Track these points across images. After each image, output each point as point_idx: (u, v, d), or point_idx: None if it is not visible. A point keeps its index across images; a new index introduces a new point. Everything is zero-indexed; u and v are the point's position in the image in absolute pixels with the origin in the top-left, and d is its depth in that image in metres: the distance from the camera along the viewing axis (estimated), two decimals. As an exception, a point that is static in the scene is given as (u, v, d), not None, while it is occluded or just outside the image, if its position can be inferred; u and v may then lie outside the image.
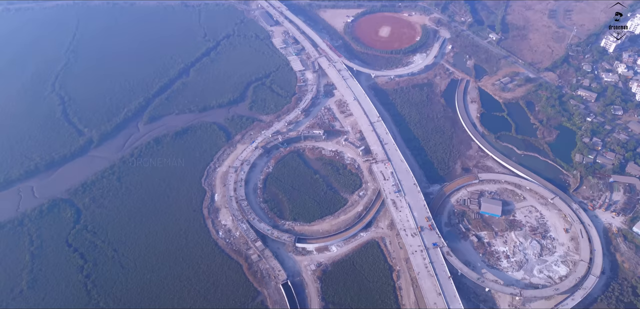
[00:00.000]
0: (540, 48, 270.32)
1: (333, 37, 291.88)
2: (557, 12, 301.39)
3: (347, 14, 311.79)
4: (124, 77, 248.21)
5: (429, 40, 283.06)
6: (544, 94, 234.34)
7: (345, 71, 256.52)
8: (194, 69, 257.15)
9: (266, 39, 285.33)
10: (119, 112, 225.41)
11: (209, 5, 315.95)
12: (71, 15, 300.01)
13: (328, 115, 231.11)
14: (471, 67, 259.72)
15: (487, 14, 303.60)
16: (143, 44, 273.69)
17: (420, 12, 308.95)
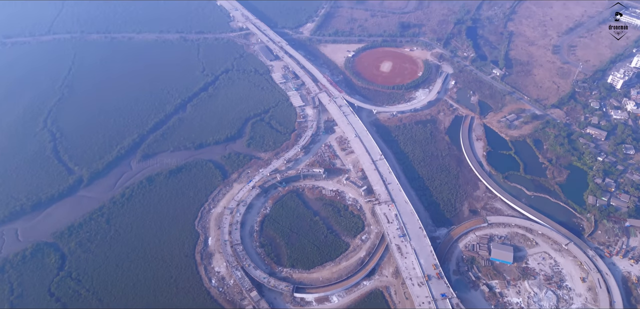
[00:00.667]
0: (545, 84, 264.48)
1: (333, 72, 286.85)
2: (561, 47, 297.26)
3: (347, 48, 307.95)
4: (119, 112, 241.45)
5: (432, 75, 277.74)
6: (551, 132, 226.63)
7: (346, 107, 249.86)
8: (191, 105, 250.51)
9: (266, 74, 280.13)
10: (112, 149, 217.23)
11: (208, 39, 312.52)
12: (68, 49, 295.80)
13: (328, 152, 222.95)
14: (475, 103, 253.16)
15: (490, 49, 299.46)
16: (140, 78, 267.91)
17: (421, 47, 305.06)
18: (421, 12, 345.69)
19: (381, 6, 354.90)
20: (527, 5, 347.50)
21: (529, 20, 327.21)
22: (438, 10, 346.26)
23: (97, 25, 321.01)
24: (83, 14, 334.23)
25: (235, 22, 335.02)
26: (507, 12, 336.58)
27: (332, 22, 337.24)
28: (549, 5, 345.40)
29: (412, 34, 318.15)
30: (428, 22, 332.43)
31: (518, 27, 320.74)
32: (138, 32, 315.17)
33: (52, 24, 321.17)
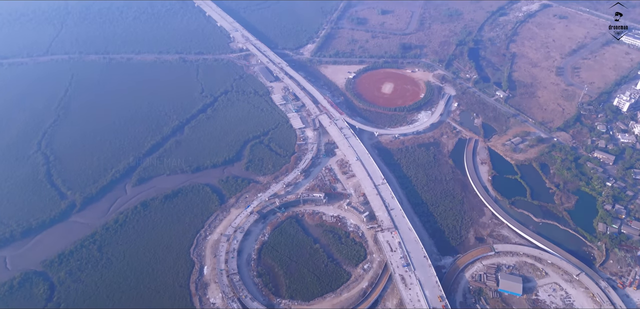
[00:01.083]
0: (550, 106, 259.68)
1: (334, 94, 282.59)
2: (565, 69, 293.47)
3: (348, 70, 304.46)
4: (115, 134, 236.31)
5: (434, 97, 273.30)
6: (558, 156, 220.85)
7: (347, 129, 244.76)
8: (189, 126, 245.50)
9: (265, 95, 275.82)
10: (107, 172, 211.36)
11: (207, 60, 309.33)
12: (65, 70, 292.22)
13: (329, 176, 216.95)
14: (479, 125, 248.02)
15: (493, 71, 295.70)
16: (137, 100, 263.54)
17: (423, 69, 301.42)
18: (423, 33, 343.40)
19: (382, 27, 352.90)
20: (529, 26, 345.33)
21: (532, 42, 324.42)
22: (439, 31, 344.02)
23: (96, 45, 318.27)
24: (82, 35, 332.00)
25: (235, 43, 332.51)
26: (509, 34, 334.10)
27: (333, 43, 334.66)
28: (551, 27, 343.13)
29: (413, 55, 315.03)
30: (430, 43, 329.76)
31: (520, 49, 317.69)
32: (137, 53, 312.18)
33: (50, 45, 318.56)
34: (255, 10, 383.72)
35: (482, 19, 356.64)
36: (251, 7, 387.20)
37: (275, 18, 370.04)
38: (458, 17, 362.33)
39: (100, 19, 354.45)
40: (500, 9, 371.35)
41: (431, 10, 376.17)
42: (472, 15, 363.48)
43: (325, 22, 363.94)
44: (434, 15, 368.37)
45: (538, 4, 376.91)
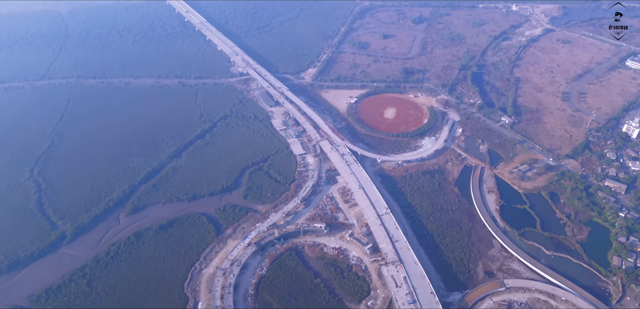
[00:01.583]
0: (557, 133, 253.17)
1: (336, 119, 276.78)
2: (571, 94, 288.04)
3: (350, 94, 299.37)
4: (110, 161, 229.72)
5: (438, 122, 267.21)
6: (568, 185, 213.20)
7: (349, 155, 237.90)
8: (187, 153, 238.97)
9: (265, 120, 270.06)
10: (100, 201, 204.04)
11: (207, 85, 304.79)
12: (62, 94, 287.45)
13: (330, 204, 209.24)
14: (485, 152, 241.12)
15: (497, 96, 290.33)
16: (134, 125, 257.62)
17: (426, 94, 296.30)
18: (425, 57, 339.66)
19: (384, 52, 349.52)
20: (533, 51, 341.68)
21: (536, 67, 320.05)
22: (442, 55, 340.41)
23: (94, 70, 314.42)
24: (81, 59, 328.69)
25: (235, 67, 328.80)
26: (513, 58, 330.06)
27: (334, 68, 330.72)
28: (554, 52, 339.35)
29: (416, 80, 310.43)
30: (432, 67, 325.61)
31: (525, 73, 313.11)
32: (136, 77, 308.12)
33: (48, 69, 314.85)
34: (256, 34, 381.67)
35: (484, 44, 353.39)
36: (252, 32, 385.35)
37: (276, 42, 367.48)
38: (460, 42, 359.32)
39: (99, 43, 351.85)
40: (502, 34, 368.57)
41: (433, 34, 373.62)
42: (475, 40, 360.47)
43: (327, 46, 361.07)
44: (436, 39, 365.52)
45: (541, 28, 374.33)
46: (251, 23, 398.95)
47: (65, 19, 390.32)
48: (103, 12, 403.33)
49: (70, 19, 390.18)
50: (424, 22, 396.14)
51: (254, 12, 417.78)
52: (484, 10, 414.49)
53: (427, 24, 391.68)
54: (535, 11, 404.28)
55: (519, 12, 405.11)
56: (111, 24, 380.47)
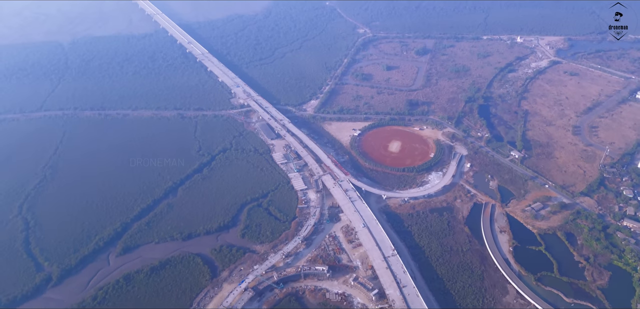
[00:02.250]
0: (570, 169, 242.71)
1: (339, 152, 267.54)
2: (582, 128, 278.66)
3: (353, 127, 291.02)
4: (103, 196, 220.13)
5: (445, 157, 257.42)
6: (585, 225, 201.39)
7: (352, 191, 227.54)
8: (183, 188, 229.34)
9: (266, 154, 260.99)
10: (90, 240, 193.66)
11: (206, 116, 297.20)
12: (57, 126, 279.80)
13: (333, 245, 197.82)
14: (495, 188, 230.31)
15: (505, 129, 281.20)
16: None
17: (432, 126, 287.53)
18: (429, 89, 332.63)
19: (388, 83, 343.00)
20: (540, 83, 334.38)
21: (544, 99, 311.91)
22: (447, 87, 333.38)
23: (92, 101, 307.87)
24: (79, 90, 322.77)
25: (236, 98, 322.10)
26: (520, 91, 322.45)
27: (337, 99, 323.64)
28: (562, 84, 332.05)
29: (421, 112, 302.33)
30: (437, 99, 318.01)
31: (533, 106, 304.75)
32: (134, 109, 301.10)
33: (45, 101, 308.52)
34: (258, 65, 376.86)
35: (490, 75, 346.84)
36: (254, 63, 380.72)
37: (278, 74, 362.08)
38: (465, 73, 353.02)
39: (99, 74, 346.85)
40: (508, 66, 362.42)
41: (438, 66, 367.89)
42: (480, 72, 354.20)
43: (329, 77, 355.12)
44: (440, 71, 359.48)
45: (547, 60, 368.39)
46: (253, 54, 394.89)
47: (66, 50, 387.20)
48: (105, 43, 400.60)
49: (71, 50, 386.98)
50: (428, 53, 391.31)
51: (256, 44, 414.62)
52: (488, 42, 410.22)
53: (431, 56, 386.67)
54: (540, 43, 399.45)
55: (523, 44, 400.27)
56: (112, 55, 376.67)
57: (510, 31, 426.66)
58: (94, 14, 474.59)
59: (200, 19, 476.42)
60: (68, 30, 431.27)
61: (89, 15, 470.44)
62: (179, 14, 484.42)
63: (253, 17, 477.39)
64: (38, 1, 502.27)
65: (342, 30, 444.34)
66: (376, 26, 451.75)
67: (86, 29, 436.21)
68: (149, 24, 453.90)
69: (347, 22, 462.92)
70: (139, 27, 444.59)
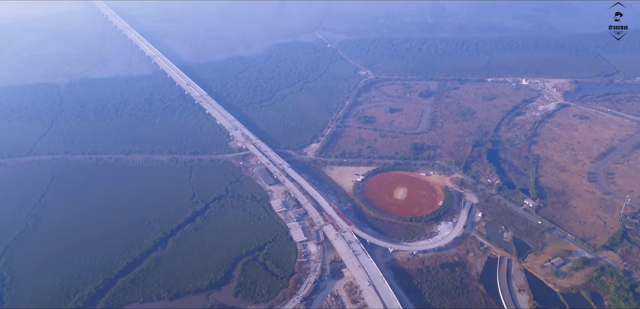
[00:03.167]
0: (589, 219, 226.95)
1: (341, 199, 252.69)
2: (597, 175, 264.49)
3: (356, 171, 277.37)
4: (87, 249, 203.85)
5: (454, 205, 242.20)
6: (611, 283, 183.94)
7: (356, 244, 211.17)
8: (174, 239, 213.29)
9: (263, 201, 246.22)
10: (68, 299, 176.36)
11: (202, 161, 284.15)
12: (46, 172, 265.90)
13: (336, 305, 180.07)
14: (510, 241, 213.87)
15: (517, 175, 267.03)
16: (118, 207, 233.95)
17: (439, 172, 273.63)
18: (435, 132, 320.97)
19: (391, 126, 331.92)
20: (549, 127, 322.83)
21: (555, 144, 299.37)
22: (453, 131, 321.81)
23: (84, 145, 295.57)
24: (71, 133, 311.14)
25: (234, 141, 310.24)
26: (529, 134, 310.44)
27: (339, 143, 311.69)
28: (573, 127, 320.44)
29: (427, 157, 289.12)
30: (443, 143, 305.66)
31: (544, 151, 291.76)
32: (127, 153, 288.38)
33: (36, 144, 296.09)
34: (258, 107, 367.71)
35: (497, 118, 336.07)
36: (253, 105, 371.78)
37: (278, 116, 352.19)
38: (471, 116, 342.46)
39: (94, 117, 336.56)
40: (515, 109, 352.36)
41: (442, 108, 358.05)
42: (486, 114, 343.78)
43: (331, 120, 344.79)
44: (445, 113, 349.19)
45: (554, 103, 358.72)
46: (253, 96, 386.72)
47: (61, 92, 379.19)
48: (102, 85, 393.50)
49: (67, 92, 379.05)
50: (432, 95, 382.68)
51: (256, 86, 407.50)
52: (493, 84, 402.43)
53: (435, 98, 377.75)
54: (547, 86, 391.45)
55: (529, 86, 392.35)
56: (108, 97, 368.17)
57: (515, 73, 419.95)
58: (93, 56, 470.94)
59: (201, 60, 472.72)
60: (66, 72, 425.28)
61: (88, 57, 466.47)
62: (180, 56, 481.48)
63: (254, 59, 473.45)
64: (38, 43, 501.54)
65: (343, 72, 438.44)
66: (378, 68, 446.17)
67: (84, 70, 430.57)
68: (148, 65, 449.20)
69: (348, 64, 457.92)
70: (138, 69, 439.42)
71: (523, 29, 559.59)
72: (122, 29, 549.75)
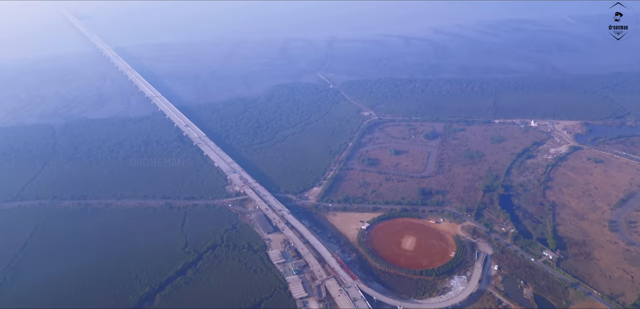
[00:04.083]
0: (614, 273, 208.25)
1: (345, 249, 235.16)
2: (619, 223, 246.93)
3: (361, 218, 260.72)
4: (66, 307, 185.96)
5: (467, 256, 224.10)
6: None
7: (362, 301, 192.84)
8: (162, 294, 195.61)
9: (261, 251, 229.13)
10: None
11: (197, 207, 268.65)
12: (31, 219, 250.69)
13: None
14: (530, 298, 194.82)
15: (532, 224, 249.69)
16: (104, 258, 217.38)
17: (449, 219, 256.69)
18: (443, 176, 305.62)
19: (397, 169, 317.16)
20: (563, 171, 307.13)
21: (571, 189, 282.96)
22: (461, 174, 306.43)
23: (74, 189, 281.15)
24: (62, 177, 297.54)
25: (231, 185, 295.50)
26: (542, 179, 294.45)
27: (342, 186, 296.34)
28: (587, 172, 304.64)
29: (435, 202, 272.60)
30: (452, 188, 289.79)
31: (559, 197, 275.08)
32: (118, 198, 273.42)
33: (23, 189, 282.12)
34: (258, 149, 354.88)
35: (507, 162, 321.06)
36: (253, 146, 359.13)
37: (279, 158, 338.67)
38: (480, 159, 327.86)
39: (87, 159, 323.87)
40: (525, 151, 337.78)
41: (449, 151, 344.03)
42: (496, 157, 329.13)
43: (333, 162, 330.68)
44: (452, 156, 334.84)
45: (566, 146, 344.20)
46: (253, 137, 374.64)
47: (56, 133, 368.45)
48: (98, 126, 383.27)
49: (62, 133, 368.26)
50: (438, 137, 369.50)
51: (257, 127, 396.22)
52: (500, 125, 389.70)
53: (441, 140, 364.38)
54: (556, 127, 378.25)
55: (538, 128, 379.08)
56: (104, 138, 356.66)
57: (523, 115, 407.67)
58: (92, 97, 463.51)
59: (201, 101, 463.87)
60: (62, 113, 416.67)
61: (86, 98, 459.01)
62: (180, 96, 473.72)
63: (255, 100, 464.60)
64: (38, 84, 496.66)
65: (346, 112, 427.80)
66: (381, 109, 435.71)
67: (81, 111, 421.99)
68: (147, 106, 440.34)
69: (351, 105, 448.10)
70: (136, 110, 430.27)
71: (527, 71, 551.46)
72: (123, 69, 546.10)
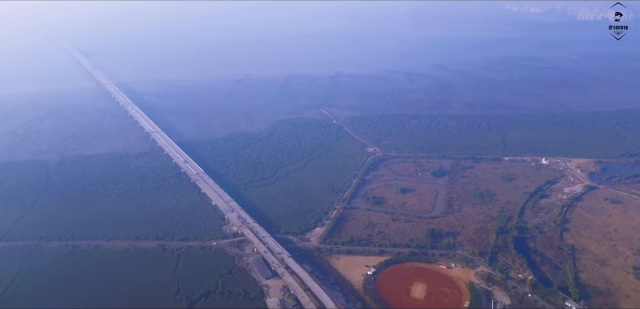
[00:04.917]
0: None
1: (349, 298, 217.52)
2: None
3: (366, 262, 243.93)
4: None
5: (482, 306, 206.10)
6: None
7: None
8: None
9: (258, 299, 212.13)
10: None
11: (192, 248, 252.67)
12: (15, 262, 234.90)
13: None
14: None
15: (552, 270, 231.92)
16: (89, 304, 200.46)
17: (461, 264, 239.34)
18: (452, 217, 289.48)
19: (403, 208, 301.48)
20: (580, 212, 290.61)
21: (589, 232, 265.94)
22: (472, 215, 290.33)
23: (62, 229, 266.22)
24: (52, 216, 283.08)
25: (229, 225, 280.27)
26: (559, 221, 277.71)
27: (346, 227, 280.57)
28: (606, 213, 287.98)
29: (446, 245, 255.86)
30: (463, 230, 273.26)
31: (578, 240, 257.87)
32: (108, 239, 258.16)
33: (10, 228, 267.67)
34: (258, 186, 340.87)
35: (520, 202, 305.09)
36: (253, 183, 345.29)
37: (279, 196, 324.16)
38: (491, 199, 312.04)
39: (79, 197, 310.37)
40: (538, 190, 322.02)
41: (458, 189, 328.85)
42: (507, 197, 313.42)
43: (337, 200, 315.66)
44: (462, 195, 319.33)
45: (581, 185, 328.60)
46: (253, 174, 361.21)
47: (50, 170, 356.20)
48: (94, 163, 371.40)
49: (56, 170, 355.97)
50: (446, 175, 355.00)
51: (257, 163, 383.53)
52: (510, 163, 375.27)
53: (449, 178, 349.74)
54: (569, 166, 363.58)
55: (550, 166, 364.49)
56: (98, 175, 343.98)
57: (533, 152, 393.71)
58: (89, 133, 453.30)
59: (201, 136, 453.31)
60: (58, 149, 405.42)
61: (84, 134, 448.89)
62: (180, 132, 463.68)
63: (257, 135, 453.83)
64: (36, 119, 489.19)
65: (350, 148, 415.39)
66: (386, 145, 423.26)
67: (78, 147, 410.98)
68: (146, 142, 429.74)
69: (355, 141, 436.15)
70: (134, 146, 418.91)
71: (535, 107, 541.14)
72: (124, 104, 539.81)
